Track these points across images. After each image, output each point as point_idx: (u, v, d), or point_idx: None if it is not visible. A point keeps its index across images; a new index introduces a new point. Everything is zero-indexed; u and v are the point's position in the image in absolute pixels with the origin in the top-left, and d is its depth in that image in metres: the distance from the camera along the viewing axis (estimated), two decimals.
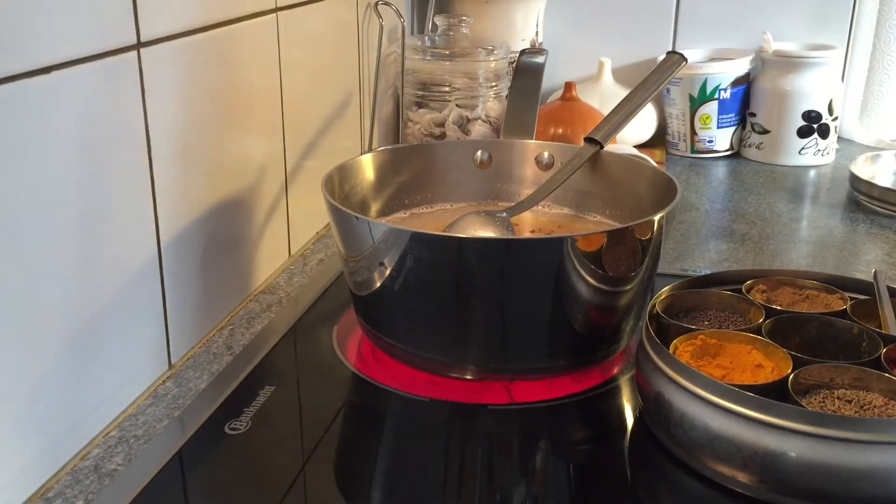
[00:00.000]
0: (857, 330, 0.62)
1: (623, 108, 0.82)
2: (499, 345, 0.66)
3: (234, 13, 0.76)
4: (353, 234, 0.67)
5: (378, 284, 0.66)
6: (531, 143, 0.85)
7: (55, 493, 0.56)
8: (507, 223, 0.76)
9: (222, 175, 0.77)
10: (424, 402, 0.65)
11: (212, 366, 0.71)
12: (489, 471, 0.60)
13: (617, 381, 0.68)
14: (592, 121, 1.01)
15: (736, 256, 0.95)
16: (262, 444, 0.60)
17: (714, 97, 1.29)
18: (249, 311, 0.81)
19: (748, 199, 1.15)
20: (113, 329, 0.62)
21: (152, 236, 0.66)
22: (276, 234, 0.89)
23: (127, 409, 0.65)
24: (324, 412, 0.65)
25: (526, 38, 1.32)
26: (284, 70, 0.86)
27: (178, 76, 0.68)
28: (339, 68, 1.04)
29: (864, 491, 0.50)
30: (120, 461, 0.59)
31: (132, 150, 0.63)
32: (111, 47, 0.59)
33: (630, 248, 0.64)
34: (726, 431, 0.53)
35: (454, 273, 0.63)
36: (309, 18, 0.92)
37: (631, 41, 1.39)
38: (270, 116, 0.85)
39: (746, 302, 0.65)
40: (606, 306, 0.66)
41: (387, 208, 0.81)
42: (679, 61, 0.84)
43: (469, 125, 1.19)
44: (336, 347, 0.72)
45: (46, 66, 0.53)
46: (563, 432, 0.63)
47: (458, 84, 1.18)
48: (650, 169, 0.80)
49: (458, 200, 0.85)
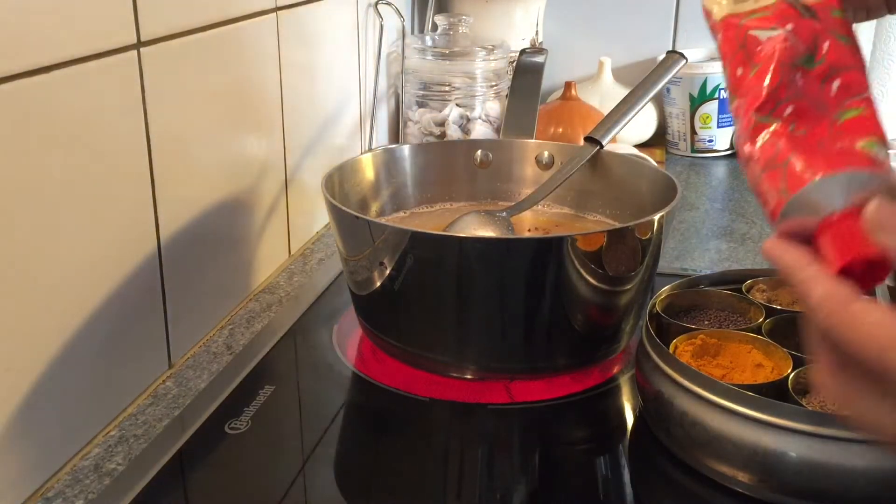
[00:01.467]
0: None
1: (623, 107, 0.82)
2: (499, 344, 0.67)
3: (234, 13, 0.75)
4: (353, 233, 0.67)
5: (378, 284, 0.66)
6: (531, 142, 0.85)
7: (55, 493, 0.56)
8: (507, 223, 0.76)
9: (222, 175, 0.77)
10: (424, 401, 0.65)
11: (212, 365, 0.71)
12: (489, 471, 0.60)
13: (617, 380, 0.68)
14: (592, 120, 1.01)
15: (736, 256, 0.95)
16: (262, 443, 0.60)
17: (714, 96, 1.29)
18: (249, 310, 0.81)
19: (748, 199, 1.14)
20: (113, 328, 0.62)
21: (152, 236, 0.66)
22: (276, 233, 0.89)
23: (127, 409, 0.65)
24: (324, 412, 0.65)
25: (526, 38, 1.32)
26: (284, 70, 0.86)
27: (178, 76, 0.68)
28: (339, 68, 1.04)
29: (864, 490, 0.50)
30: (120, 461, 0.59)
31: (132, 150, 0.63)
32: (111, 47, 0.59)
33: (630, 247, 0.64)
34: (726, 431, 0.53)
35: (454, 273, 0.63)
36: (309, 18, 0.92)
37: (631, 40, 1.38)
38: (270, 116, 0.85)
39: (746, 301, 0.65)
40: (606, 306, 0.66)
41: (387, 208, 0.81)
42: (679, 60, 0.84)
43: (469, 124, 1.19)
44: (336, 347, 0.72)
45: (46, 65, 0.53)
46: (563, 432, 0.63)
47: (458, 83, 1.19)
48: (650, 168, 0.80)
49: (458, 200, 0.85)
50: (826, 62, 0.40)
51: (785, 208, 0.37)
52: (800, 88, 0.40)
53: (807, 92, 0.40)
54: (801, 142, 0.39)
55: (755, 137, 0.40)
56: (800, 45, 0.40)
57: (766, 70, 0.40)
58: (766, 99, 0.40)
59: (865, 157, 0.38)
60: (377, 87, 1.15)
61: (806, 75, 0.40)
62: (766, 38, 0.41)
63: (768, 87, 0.40)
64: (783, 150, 0.39)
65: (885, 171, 0.38)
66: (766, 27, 0.41)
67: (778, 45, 0.40)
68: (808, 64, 0.40)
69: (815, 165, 0.37)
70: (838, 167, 0.37)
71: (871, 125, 0.39)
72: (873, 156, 0.38)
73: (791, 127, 0.39)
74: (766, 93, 0.40)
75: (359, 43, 1.08)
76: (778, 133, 0.39)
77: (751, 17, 0.42)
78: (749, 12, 0.42)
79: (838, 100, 0.39)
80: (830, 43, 0.40)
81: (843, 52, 0.40)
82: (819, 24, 0.40)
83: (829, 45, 0.40)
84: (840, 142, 0.38)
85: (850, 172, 0.37)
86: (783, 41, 0.40)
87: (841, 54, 0.40)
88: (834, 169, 0.37)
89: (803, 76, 0.40)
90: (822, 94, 0.40)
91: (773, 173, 0.39)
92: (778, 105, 0.40)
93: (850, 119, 0.39)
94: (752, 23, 0.41)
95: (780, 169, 0.38)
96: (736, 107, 0.41)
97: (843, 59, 0.40)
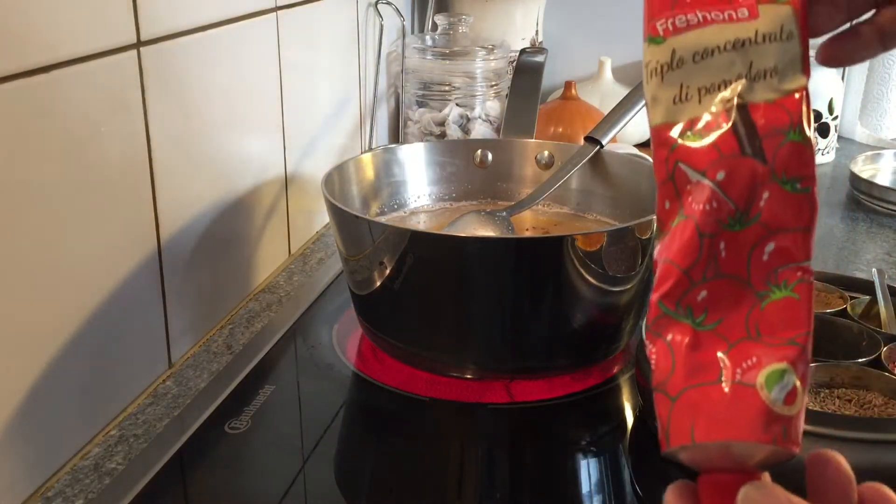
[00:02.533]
0: (856, 329, 0.62)
1: (623, 107, 0.82)
2: (499, 344, 0.66)
3: (234, 12, 0.75)
4: (353, 233, 0.67)
5: (378, 284, 0.66)
6: (531, 142, 0.85)
7: (55, 492, 0.56)
8: (507, 222, 0.76)
9: (222, 175, 0.76)
10: (424, 401, 0.65)
11: (212, 365, 0.71)
12: (489, 470, 0.60)
13: (617, 380, 0.68)
14: (592, 120, 1.01)
15: None
16: (261, 443, 0.60)
17: None
18: (249, 310, 0.81)
19: None
20: (113, 328, 0.62)
21: (152, 235, 0.66)
22: (276, 233, 0.89)
23: (127, 408, 0.65)
24: (324, 412, 0.65)
25: (526, 37, 1.32)
26: (284, 69, 0.86)
27: (178, 75, 0.68)
28: (339, 68, 1.04)
29: None
30: (120, 460, 0.59)
31: (132, 150, 0.63)
32: (111, 46, 0.59)
33: (630, 247, 0.64)
34: None
35: (454, 273, 0.63)
36: (309, 18, 0.92)
37: (631, 40, 1.37)
38: (270, 116, 0.85)
39: None
40: (606, 306, 0.66)
41: (387, 207, 0.81)
42: None
43: (469, 124, 1.19)
44: (336, 347, 0.72)
45: (46, 65, 0.53)
46: (564, 431, 0.63)
47: (458, 83, 1.19)
48: (650, 168, 0.79)
49: (458, 200, 0.85)
50: (761, 220, 0.33)
51: (665, 453, 0.32)
52: (721, 261, 0.33)
53: (730, 263, 0.33)
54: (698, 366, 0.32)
55: (657, 333, 0.33)
56: (729, 203, 0.33)
57: (684, 236, 0.33)
58: (677, 282, 0.33)
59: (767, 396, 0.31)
60: (377, 87, 1.15)
61: (733, 240, 0.33)
62: (695, 181, 0.33)
63: (682, 266, 0.33)
64: (678, 372, 0.32)
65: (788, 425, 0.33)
66: (696, 167, 0.33)
67: (701, 205, 0.33)
68: (736, 226, 0.33)
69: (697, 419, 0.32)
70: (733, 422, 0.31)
71: (799, 316, 0.32)
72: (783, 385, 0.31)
73: (701, 318, 0.33)
74: (679, 275, 0.33)
75: (359, 42, 1.08)
76: (681, 336, 0.33)
77: (686, 136, 0.34)
78: (686, 125, 0.34)
79: (768, 269, 0.33)
80: (771, 194, 0.32)
81: (786, 205, 0.32)
82: (761, 166, 0.32)
83: (768, 197, 0.32)
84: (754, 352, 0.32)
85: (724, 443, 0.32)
86: (708, 201, 0.33)
87: (782, 209, 0.32)
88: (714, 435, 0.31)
89: (729, 243, 0.33)
90: (750, 261, 0.33)
91: (663, 401, 0.33)
92: (691, 288, 0.33)
93: (777, 302, 0.32)
94: (684, 148, 0.34)
95: (667, 404, 0.32)
96: (658, 250, 0.34)
97: (783, 216, 0.32)
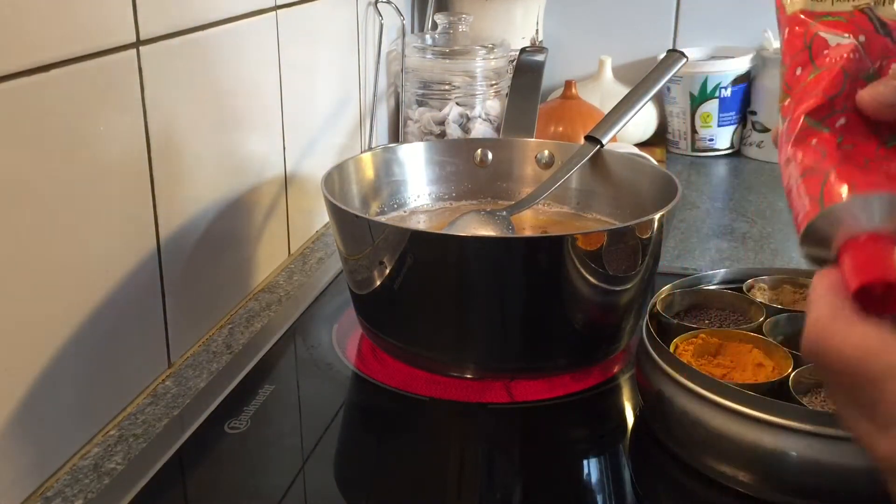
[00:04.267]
0: None
1: (623, 106, 0.81)
2: (499, 344, 0.66)
3: (233, 11, 0.75)
4: (353, 233, 0.67)
5: (378, 284, 0.66)
6: (531, 141, 0.85)
7: (54, 492, 0.56)
8: (507, 222, 0.76)
9: (222, 174, 0.76)
10: (424, 401, 0.65)
11: (211, 365, 0.71)
12: (489, 470, 0.60)
13: (617, 380, 0.68)
14: (593, 119, 1.01)
15: (737, 255, 0.95)
16: (261, 443, 0.60)
17: (715, 95, 1.29)
18: (249, 309, 0.81)
19: (749, 198, 1.14)
20: (112, 328, 0.62)
21: (152, 235, 0.66)
22: (275, 233, 0.89)
23: (126, 408, 0.65)
24: (324, 412, 0.65)
25: (526, 37, 1.32)
26: (284, 69, 0.86)
27: (177, 75, 0.67)
28: (339, 67, 1.04)
29: (864, 490, 0.50)
30: (119, 460, 0.59)
31: (132, 150, 0.63)
32: (111, 46, 0.59)
33: (630, 246, 0.64)
34: (727, 430, 0.53)
35: (454, 272, 0.63)
36: (308, 17, 0.92)
37: (631, 39, 1.38)
38: (270, 115, 0.85)
39: (747, 301, 0.65)
40: (607, 305, 0.66)
41: (387, 207, 0.81)
42: (679, 59, 0.84)
43: (469, 123, 1.18)
44: (336, 346, 0.72)
45: (45, 64, 0.53)
46: (564, 431, 0.63)
47: (458, 82, 1.19)
48: (651, 167, 0.80)
49: (458, 199, 0.84)
50: None
51: (815, 219, 0.36)
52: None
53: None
54: (847, 156, 0.37)
55: (801, 140, 0.39)
56: (867, 59, 0.39)
57: (827, 76, 0.39)
58: (821, 104, 0.38)
59: None
60: (377, 86, 1.15)
61: None
62: (835, 43, 0.39)
63: (826, 94, 0.38)
64: (827, 160, 0.37)
65: None
66: (837, 32, 0.39)
67: (845, 53, 0.38)
68: (871, 80, 0.38)
69: (856, 182, 0.36)
70: (878, 189, 0.36)
71: None
72: None
73: (840, 139, 0.38)
74: (823, 99, 0.38)
75: (358, 42, 1.08)
76: (826, 141, 0.38)
77: (824, 18, 0.40)
78: (823, 13, 0.41)
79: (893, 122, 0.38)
80: None
81: None
82: (892, 44, 0.39)
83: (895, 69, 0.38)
84: (886, 165, 0.37)
85: (889, 196, 0.35)
86: (851, 51, 0.38)
87: None
88: (873, 189, 0.36)
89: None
90: None
91: (812, 180, 0.37)
92: (832, 114, 0.38)
93: None
94: (823, 25, 0.40)
95: (819, 178, 0.37)
96: (786, 105, 0.40)
97: None
